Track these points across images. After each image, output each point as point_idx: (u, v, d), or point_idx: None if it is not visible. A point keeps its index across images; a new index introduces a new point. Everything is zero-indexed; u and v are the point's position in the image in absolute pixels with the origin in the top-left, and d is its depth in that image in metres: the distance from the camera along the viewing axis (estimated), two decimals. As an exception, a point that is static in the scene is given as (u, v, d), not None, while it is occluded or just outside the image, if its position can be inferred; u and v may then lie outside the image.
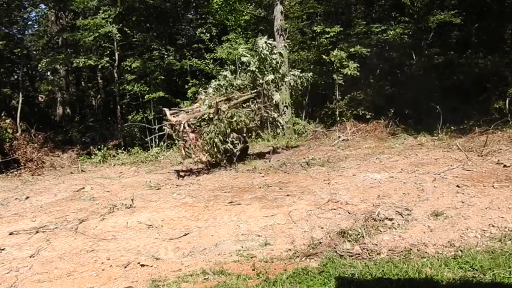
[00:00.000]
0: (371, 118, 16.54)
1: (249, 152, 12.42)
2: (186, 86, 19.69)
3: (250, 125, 10.88)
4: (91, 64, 19.66)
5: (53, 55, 20.12)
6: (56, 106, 24.30)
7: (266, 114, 11.42)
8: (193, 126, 10.23)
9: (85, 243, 5.55)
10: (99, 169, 12.69)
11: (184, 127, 9.91)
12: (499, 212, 5.27)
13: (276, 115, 12.02)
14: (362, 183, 7.58)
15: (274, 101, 11.69)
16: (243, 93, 11.38)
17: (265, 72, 11.42)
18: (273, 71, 11.61)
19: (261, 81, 11.35)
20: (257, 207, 6.74)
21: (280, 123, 12.32)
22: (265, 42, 11.39)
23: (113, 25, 18.72)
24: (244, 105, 11.18)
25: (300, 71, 13.29)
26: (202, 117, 10.34)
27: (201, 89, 13.11)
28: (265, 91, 11.36)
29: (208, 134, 9.82)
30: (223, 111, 10.18)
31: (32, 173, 12.43)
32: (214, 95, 11.11)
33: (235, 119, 10.14)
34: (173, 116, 10.25)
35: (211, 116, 10.18)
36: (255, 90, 11.45)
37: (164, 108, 10.74)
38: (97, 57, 19.61)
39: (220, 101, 10.54)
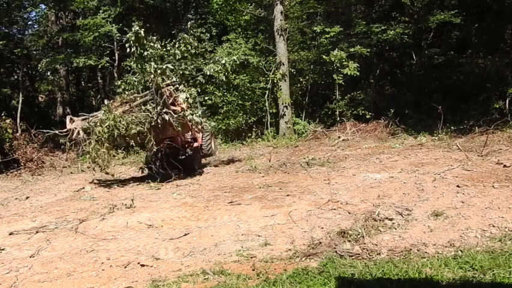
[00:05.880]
0: (371, 118, 16.54)
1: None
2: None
3: (137, 131, 9.15)
4: (91, 64, 19.66)
5: (53, 55, 20.11)
6: (56, 106, 24.30)
7: (167, 116, 9.19)
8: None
9: (85, 243, 5.55)
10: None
11: (78, 133, 9.11)
12: (499, 212, 5.28)
13: (190, 115, 9.71)
14: (362, 183, 7.58)
15: (180, 99, 9.86)
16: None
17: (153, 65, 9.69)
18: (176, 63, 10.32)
19: (149, 74, 9.60)
20: (257, 207, 6.75)
21: (194, 120, 9.92)
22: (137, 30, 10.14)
23: (113, 25, 18.73)
24: (143, 108, 9.53)
25: (228, 56, 12.38)
26: (96, 123, 9.18)
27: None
28: (162, 88, 9.34)
29: (91, 143, 8.97)
30: (114, 116, 9.00)
31: (32, 173, 12.42)
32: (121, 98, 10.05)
33: (123, 123, 8.97)
34: (71, 123, 9.46)
35: (105, 121, 9.04)
36: (145, 89, 9.86)
37: (68, 116, 10.02)
38: (97, 57, 19.59)
39: (117, 106, 9.50)
